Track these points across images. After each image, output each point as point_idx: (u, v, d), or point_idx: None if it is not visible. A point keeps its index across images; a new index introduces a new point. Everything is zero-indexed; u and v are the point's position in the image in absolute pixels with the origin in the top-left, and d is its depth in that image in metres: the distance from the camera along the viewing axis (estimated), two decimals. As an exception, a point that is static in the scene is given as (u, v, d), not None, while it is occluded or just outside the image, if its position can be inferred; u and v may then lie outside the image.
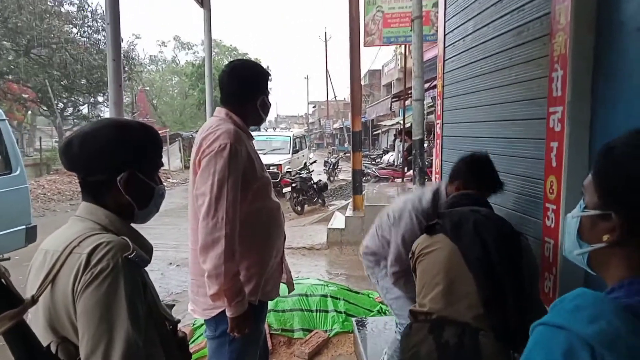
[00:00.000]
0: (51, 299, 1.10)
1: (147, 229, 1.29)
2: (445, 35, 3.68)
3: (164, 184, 1.41)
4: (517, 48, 2.46)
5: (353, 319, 3.81)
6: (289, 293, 2.29)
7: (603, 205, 0.79)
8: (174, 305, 1.47)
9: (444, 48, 3.69)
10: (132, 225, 1.29)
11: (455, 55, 3.45)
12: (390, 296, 2.73)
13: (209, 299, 1.81)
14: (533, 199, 2.24)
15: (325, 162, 19.37)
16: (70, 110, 24.23)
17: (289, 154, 15.92)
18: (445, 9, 3.68)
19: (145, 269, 1.21)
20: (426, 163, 6.87)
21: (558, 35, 2.05)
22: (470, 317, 1.80)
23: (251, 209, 1.87)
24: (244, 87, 1.98)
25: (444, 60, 3.69)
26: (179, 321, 1.36)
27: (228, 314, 1.81)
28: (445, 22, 3.68)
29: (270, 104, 2.08)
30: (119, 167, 1.21)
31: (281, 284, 2.18)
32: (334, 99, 37.96)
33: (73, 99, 22.83)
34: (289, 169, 13.91)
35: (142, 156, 1.26)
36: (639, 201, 0.74)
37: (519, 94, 2.42)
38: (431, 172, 4.46)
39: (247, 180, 1.82)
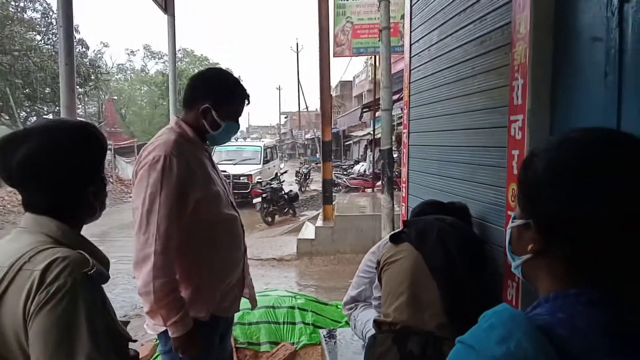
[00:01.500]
0: None
1: (111, 242, 1.22)
2: (411, 45, 3.71)
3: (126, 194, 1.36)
4: (480, 57, 2.49)
5: (320, 331, 3.74)
6: (252, 309, 2.21)
7: (524, 215, 0.76)
8: (128, 322, 1.38)
9: (410, 58, 3.72)
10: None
11: (420, 65, 3.48)
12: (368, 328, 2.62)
13: None
14: (495, 207, 2.25)
15: (297, 172, 19.33)
16: (33, 119, 23.50)
17: (259, 164, 15.83)
18: (411, 19, 3.72)
19: (108, 282, 1.13)
20: (395, 173, 6.91)
21: (518, 44, 2.07)
22: (434, 325, 1.79)
23: (194, 221, 1.79)
24: (190, 93, 1.92)
25: (410, 70, 3.72)
26: (134, 341, 1.28)
27: (169, 332, 1.73)
28: (411, 32, 3.71)
29: (220, 118, 1.90)
30: (89, 178, 1.16)
31: (243, 298, 2.11)
32: (306, 110, 38.09)
33: (37, 107, 22.17)
34: (260, 179, 13.80)
35: (101, 161, 1.21)
36: (554, 208, 0.70)
37: (482, 102, 2.44)
38: (400, 181, 4.47)
39: (186, 192, 1.75)
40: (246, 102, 1.99)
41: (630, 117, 1.58)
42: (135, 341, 1.26)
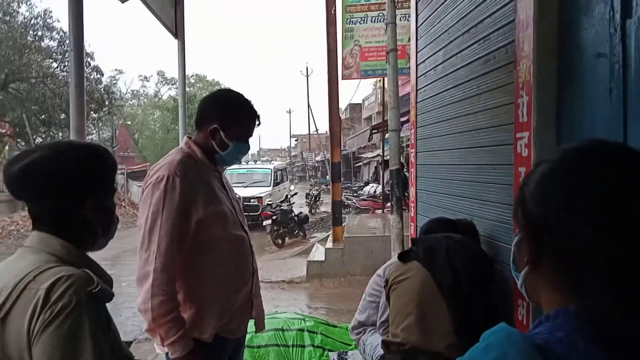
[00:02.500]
0: (2, 340, 0.99)
1: (122, 265, 1.22)
2: (417, 66, 3.74)
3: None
4: (485, 76, 2.50)
5: (331, 354, 3.69)
6: (256, 332, 2.18)
7: (519, 228, 0.76)
8: (132, 342, 1.37)
9: (417, 78, 3.74)
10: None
11: (427, 85, 3.50)
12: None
13: None
14: (504, 225, 2.23)
15: (307, 194, 19.34)
16: (48, 144, 23.89)
17: (270, 186, 15.88)
18: (417, 40, 3.76)
19: (118, 305, 1.12)
20: (406, 194, 6.88)
21: (522, 62, 2.08)
22: (443, 346, 1.76)
23: (198, 241, 1.80)
24: (200, 113, 1.95)
25: (417, 90, 3.74)
26: None
27: (169, 353, 1.72)
28: (417, 52, 3.75)
29: (228, 138, 1.90)
30: (86, 193, 1.14)
31: (251, 320, 2.08)
32: (316, 132, 38.32)
33: (52, 133, 22.60)
34: (270, 201, 13.84)
35: (105, 180, 1.19)
36: (539, 218, 0.69)
37: (487, 120, 2.44)
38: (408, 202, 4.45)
39: (189, 211, 1.76)
40: (257, 122, 1.99)
41: (637, 131, 1.57)
42: None
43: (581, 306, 0.66)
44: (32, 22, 20.29)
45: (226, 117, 1.90)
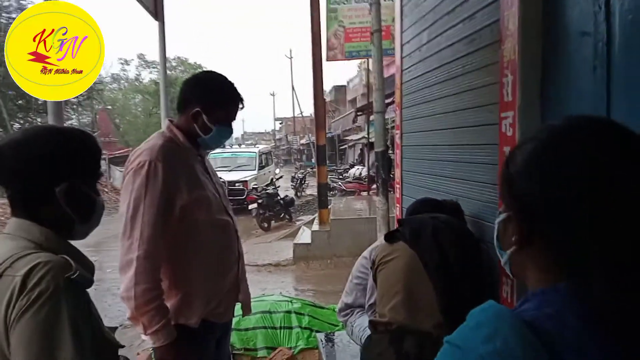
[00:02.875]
0: None
1: (106, 251, 1.19)
2: (402, 46, 3.71)
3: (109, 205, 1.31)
4: (470, 55, 2.49)
5: (318, 335, 3.72)
6: (243, 315, 2.18)
7: (506, 208, 0.74)
8: (116, 328, 1.36)
9: (402, 59, 3.72)
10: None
11: (412, 65, 3.48)
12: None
13: None
14: (489, 204, 2.24)
15: (293, 177, 19.32)
16: (27, 130, 23.40)
17: (255, 170, 15.81)
18: (401, 20, 3.72)
19: (104, 292, 1.10)
20: (392, 175, 6.91)
21: (507, 41, 2.07)
22: (431, 325, 1.78)
23: (181, 227, 1.78)
24: (182, 96, 1.90)
25: (402, 71, 3.72)
26: (122, 346, 1.26)
27: (151, 342, 1.70)
28: (402, 33, 3.71)
29: (211, 122, 1.86)
30: (58, 177, 1.10)
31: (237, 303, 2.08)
32: (301, 115, 38.13)
33: (30, 118, 22.08)
34: (255, 185, 13.77)
35: (82, 165, 1.15)
36: (526, 195, 0.68)
37: (472, 100, 2.44)
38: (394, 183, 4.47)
39: (172, 197, 1.73)
40: (240, 105, 1.95)
41: (620, 109, 1.58)
42: (122, 346, 1.24)
43: (572, 284, 0.66)
44: (4, 3, 19.65)
45: (209, 101, 1.86)
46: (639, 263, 0.62)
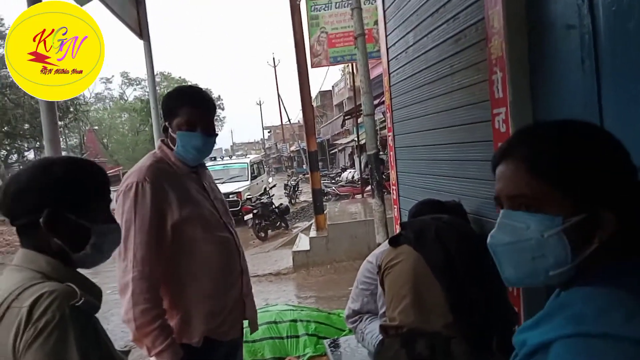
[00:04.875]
0: None
1: (104, 272, 1.19)
2: (388, 49, 3.74)
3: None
4: (457, 55, 2.52)
5: (325, 341, 3.72)
6: (251, 333, 2.15)
7: (574, 210, 0.72)
8: (129, 351, 1.36)
9: (388, 61, 3.75)
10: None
11: (399, 68, 3.51)
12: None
13: None
14: (488, 200, 2.27)
15: (285, 185, 19.29)
16: (14, 157, 23.23)
17: (247, 180, 15.77)
18: (385, 23, 3.76)
19: (106, 313, 1.10)
20: (384, 177, 6.94)
21: (494, 39, 2.10)
22: (441, 325, 1.78)
23: (177, 246, 1.78)
24: (163, 112, 1.89)
25: (389, 74, 3.75)
26: None
27: None
28: (386, 36, 3.75)
29: (174, 132, 1.83)
30: (38, 207, 1.09)
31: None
32: (289, 122, 38.13)
33: (17, 145, 21.92)
34: (249, 195, 13.75)
35: (67, 193, 1.13)
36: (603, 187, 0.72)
37: (463, 99, 2.47)
38: (389, 185, 4.50)
39: (162, 216, 1.74)
40: (199, 107, 1.87)
41: (610, 98, 1.61)
42: None
43: None
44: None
45: (167, 111, 1.86)
46: None
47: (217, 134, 1.94)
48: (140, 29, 3.76)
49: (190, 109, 1.83)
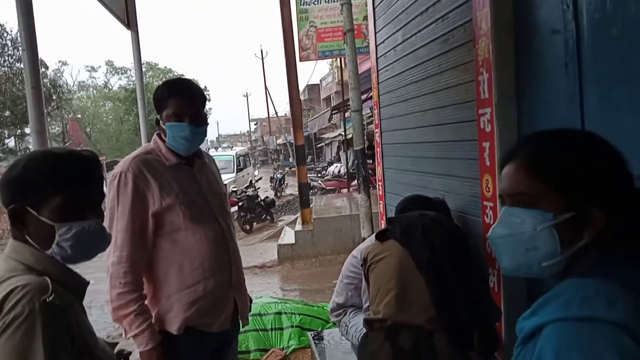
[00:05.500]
0: None
1: (86, 262, 1.19)
2: (377, 46, 3.77)
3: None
4: (445, 55, 2.55)
5: (309, 333, 3.76)
6: (242, 327, 2.18)
7: (563, 208, 0.80)
8: (117, 343, 1.36)
9: (377, 59, 3.78)
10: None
11: (387, 65, 3.54)
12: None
13: None
14: (472, 198, 2.32)
15: (271, 178, 19.27)
16: (-5, 143, 22.80)
17: (233, 172, 15.70)
18: (374, 20, 3.78)
19: (91, 304, 1.11)
20: (369, 172, 6.99)
21: (481, 40, 2.14)
22: (423, 319, 1.83)
23: (160, 235, 1.85)
24: (154, 105, 1.94)
25: (378, 71, 3.78)
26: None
27: (136, 346, 1.75)
28: (375, 33, 3.77)
29: (164, 124, 1.86)
30: (9, 200, 1.12)
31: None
32: (275, 115, 38.00)
33: (14, 129, 21.50)
34: (235, 188, 13.70)
35: (32, 190, 1.11)
36: (594, 187, 0.79)
37: (450, 98, 2.51)
38: (375, 180, 4.54)
39: (144, 205, 1.81)
40: (186, 99, 1.89)
41: (592, 102, 1.67)
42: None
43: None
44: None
45: (156, 103, 1.91)
46: None
47: (207, 124, 1.97)
48: (128, 19, 3.73)
49: (177, 100, 1.86)
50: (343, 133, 13.61)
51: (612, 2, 1.54)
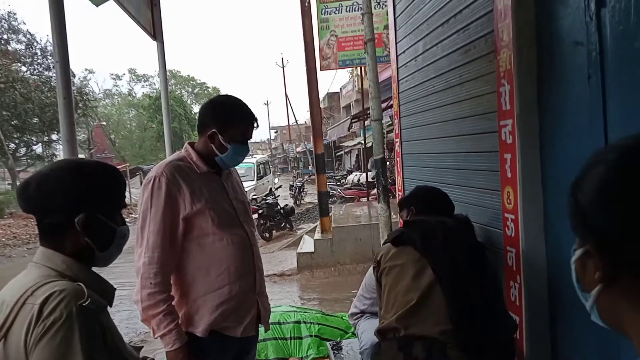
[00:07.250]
0: (4, 353, 1.04)
1: (111, 268, 1.25)
2: (397, 56, 3.78)
3: (127, 220, 1.36)
4: (466, 66, 2.55)
5: (328, 343, 3.76)
6: (265, 331, 2.24)
7: (582, 242, 0.66)
8: (142, 347, 1.41)
9: (397, 68, 3.79)
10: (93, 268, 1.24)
11: (408, 75, 3.55)
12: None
13: None
14: (492, 210, 2.30)
15: (291, 186, 19.33)
16: (23, 150, 23.43)
17: (253, 180, 15.84)
18: (395, 31, 3.80)
19: (112, 309, 1.17)
20: (389, 181, 6.97)
21: (502, 51, 2.14)
22: (437, 332, 1.82)
23: (189, 239, 1.92)
24: (200, 119, 2.04)
25: (398, 81, 3.79)
26: None
27: (163, 345, 1.83)
28: (396, 43, 3.79)
29: (226, 141, 1.96)
30: (75, 208, 1.16)
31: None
32: (295, 123, 38.22)
33: (25, 138, 22.11)
34: (255, 195, 13.80)
35: (100, 196, 1.21)
36: (613, 228, 0.60)
37: (471, 109, 2.51)
38: (395, 189, 4.53)
39: (175, 209, 1.88)
40: (254, 124, 2.07)
41: (615, 115, 1.65)
42: None
43: None
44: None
45: (223, 121, 1.98)
46: None
47: None
48: (154, 30, 3.83)
49: (248, 126, 2.04)
50: (363, 141, 13.60)
51: (636, 14, 1.53)
